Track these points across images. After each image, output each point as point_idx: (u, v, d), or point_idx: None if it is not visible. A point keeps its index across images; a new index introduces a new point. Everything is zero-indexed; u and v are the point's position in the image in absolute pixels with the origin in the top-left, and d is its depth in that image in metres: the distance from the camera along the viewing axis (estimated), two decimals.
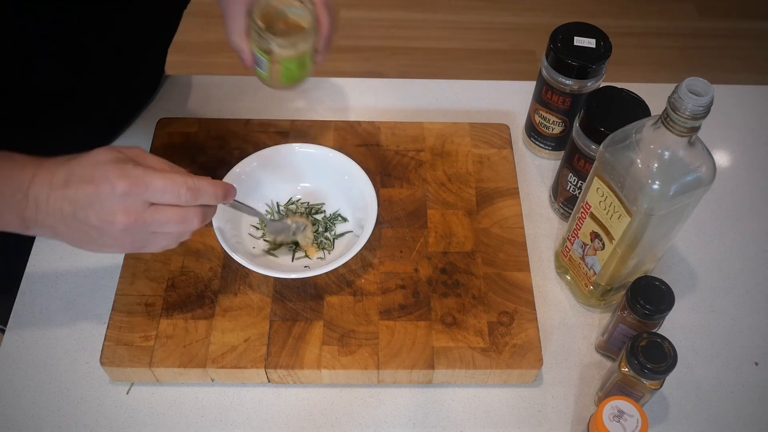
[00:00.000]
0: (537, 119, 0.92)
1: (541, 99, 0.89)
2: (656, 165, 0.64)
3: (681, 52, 2.35)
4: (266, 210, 0.84)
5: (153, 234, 0.62)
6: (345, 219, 0.84)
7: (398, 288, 0.78)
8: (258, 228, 0.83)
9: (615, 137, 0.68)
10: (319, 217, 0.84)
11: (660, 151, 0.64)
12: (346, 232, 0.83)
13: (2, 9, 0.69)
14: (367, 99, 1.01)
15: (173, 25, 0.96)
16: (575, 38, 0.84)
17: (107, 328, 0.74)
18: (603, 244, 0.73)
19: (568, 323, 0.81)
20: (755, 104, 1.04)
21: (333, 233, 0.83)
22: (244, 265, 0.74)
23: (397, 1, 2.46)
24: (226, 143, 0.89)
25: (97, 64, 0.83)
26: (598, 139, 0.75)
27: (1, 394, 0.74)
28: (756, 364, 0.79)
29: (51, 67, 0.78)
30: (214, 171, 0.86)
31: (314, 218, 0.84)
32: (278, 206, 0.85)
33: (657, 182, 0.64)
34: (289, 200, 0.85)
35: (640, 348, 0.66)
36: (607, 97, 0.79)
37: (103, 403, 0.74)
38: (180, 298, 0.76)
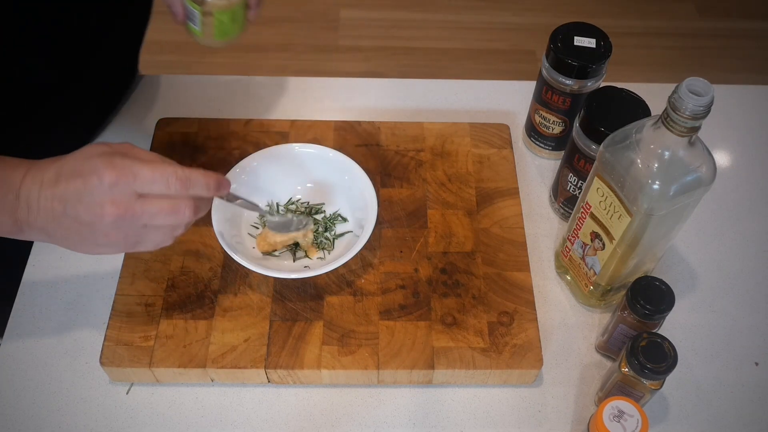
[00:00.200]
0: (537, 119, 0.92)
1: (541, 99, 0.89)
2: (656, 165, 0.64)
3: (681, 52, 2.36)
4: (266, 206, 0.84)
5: (145, 228, 0.61)
6: (345, 219, 0.84)
7: (398, 288, 0.78)
8: (258, 228, 0.83)
9: (615, 137, 0.68)
10: (319, 217, 0.84)
11: (660, 151, 0.64)
12: (346, 232, 0.83)
13: None
14: (367, 99, 1.01)
15: (142, 21, 0.95)
16: (575, 38, 0.84)
17: (107, 328, 0.74)
18: (603, 244, 0.73)
19: (568, 323, 0.81)
20: (755, 104, 1.04)
21: (333, 233, 0.83)
22: (244, 265, 0.74)
23: (397, 1, 2.46)
24: (226, 143, 0.89)
25: (70, 60, 0.82)
26: (598, 139, 0.75)
27: (1, 394, 0.74)
28: (756, 364, 0.79)
29: (30, 66, 0.77)
30: (214, 171, 0.86)
31: (314, 218, 0.84)
32: (278, 206, 0.85)
33: (657, 182, 0.64)
34: (289, 200, 0.85)
35: (640, 348, 0.66)
36: (607, 97, 0.79)
37: (103, 403, 0.74)
38: (180, 298, 0.76)
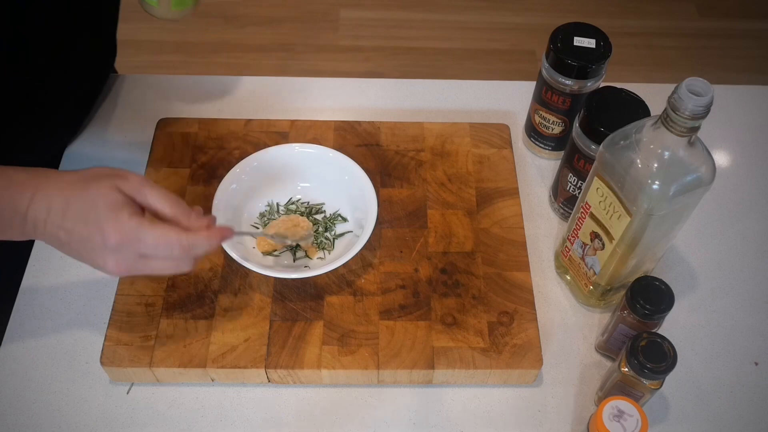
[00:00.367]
0: (537, 119, 0.92)
1: (541, 99, 0.89)
2: (656, 165, 0.64)
3: (681, 52, 2.35)
4: (266, 206, 0.84)
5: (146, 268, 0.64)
6: (345, 219, 0.84)
7: (398, 288, 0.78)
8: (258, 228, 0.83)
9: (615, 137, 0.68)
10: (319, 217, 0.84)
11: (660, 151, 0.64)
12: (346, 232, 0.83)
13: None
14: (367, 99, 1.01)
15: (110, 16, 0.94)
16: (575, 38, 0.84)
17: (107, 328, 0.74)
18: (603, 244, 0.73)
19: (568, 323, 0.81)
20: (755, 104, 1.04)
21: (333, 233, 0.83)
22: (244, 265, 0.74)
23: (397, 1, 2.46)
24: (226, 143, 0.89)
25: (42, 44, 0.80)
26: (598, 139, 0.75)
27: (1, 394, 0.74)
28: (756, 364, 0.79)
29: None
30: (214, 171, 0.86)
31: (314, 218, 0.84)
32: (278, 206, 0.85)
33: (657, 182, 0.64)
34: (289, 200, 0.85)
35: (640, 348, 0.66)
36: (607, 97, 0.79)
37: (103, 403, 0.74)
38: (180, 298, 0.76)
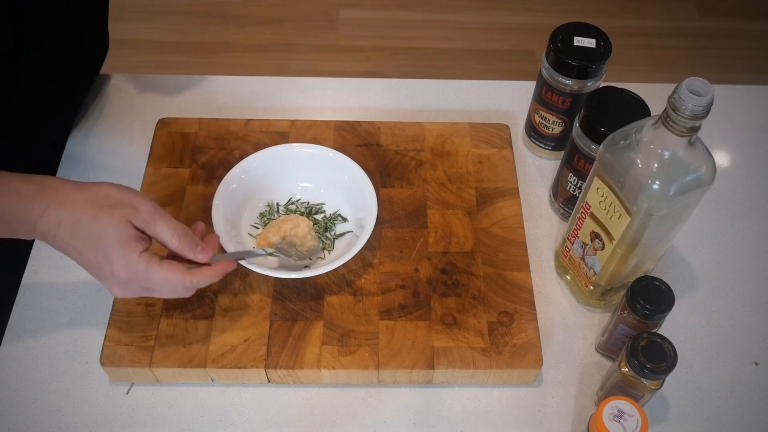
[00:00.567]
0: (537, 119, 0.92)
1: (541, 99, 0.89)
2: (656, 165, 0.64)
3: (681, 52, 2.35)
4: (266, 206, 0.84)
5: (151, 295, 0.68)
6: (345, 219, 0.84)
7: (398, 288, 0.78)
8: (258, 228, 0.83)
9: (615, 137, 0.68)
10: (319, 217, 0.84)
11: (660, 151, 0.64)
12: (346, 232, 0.83)
13: None
14: (367, 99, 1.01)
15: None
16: (575, 38, 0.84)
17: (107, 328, 0.74)
18: (603, 244, 0.73)
19: (568, 323, 0.81)
20: (755, 104, 1.04)
21: (333, 233, 0.83)
22: (244, 265, 0.74)
23: (397, 1, 2.46)
24: (226, 143, 0.89)
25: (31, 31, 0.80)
26: (598, 139, 0.75)
27: (2, 394, 0.74)
28: (756, 364, 0.79)
29: None
30: (214, 171, 0.86)
31: (314, 218, 0.84)
32: (278, 206, 0.85)
33: (657, 182, 0.64)
34: (289, 200, 0.85)
35: (640, 348, 0.66)
36: (607, 97, 0.79)
37: (103, 403, 0.74)
38: (180, 298, 0.76)
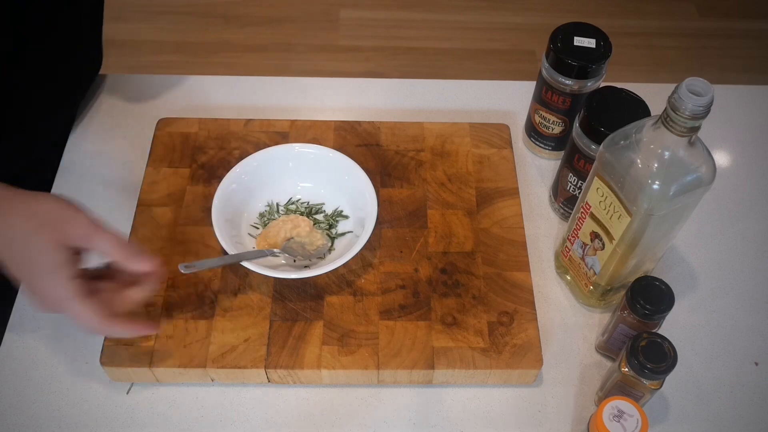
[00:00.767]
0: (537, 119, 0.92)
1: (541, 99, 0.89)
2: (656, 165, 0.64)
3: (681, 52, 2.35)
4: (266, 206, 0.84)
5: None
6: (346, 216, 0.84)
7: (398, 288, 0.78)
8: (258, 228, 0.83)
9: (615, 137, 0.68)
10: (320, 217, 0.84)
11: (660, 151, 0.64)
12: (347, 232, 0.83)
13: None
14: (367, 99, 1.01)
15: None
16: (575, 38, 0.84)
17: None
18: (603, 244, 0.73)
19: (568, 323, 0.81)
20: (755, 104, 1.04)
21: (335, 231, 0.83)
22: (244, 265, 0.74)
23: (397, 1, 2.46)
24: (226, 143, 0.89)
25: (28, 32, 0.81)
26: (598, 139, 0.75)
27: (1, 394, 0.74)
28: (756, 364, 0.79)
29: None
30: (214, 171, 0.86)
31: (314, 218, 0.84)
32: (278, 206, 0.85)
33: (657, 182, 0.64)
34: (289, 200, 0.85)
35: (640, 348, 0.66)
36: (607, 97, 0.79)
37: (103, 403, 0.74)
38: (180, 298, 0.76)
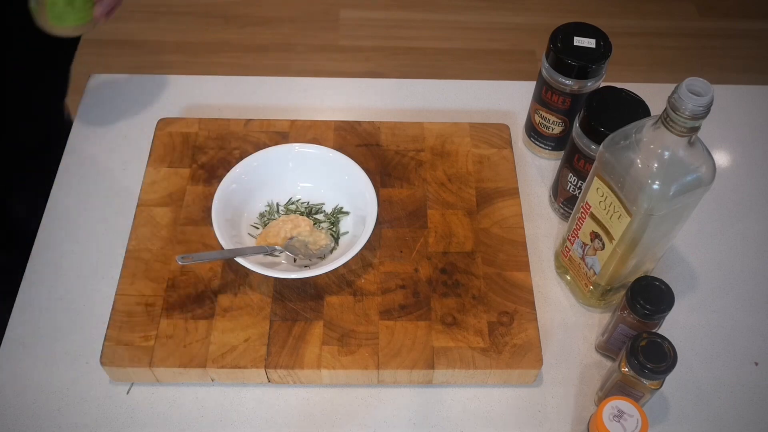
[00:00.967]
0: (537, 119, 0.92)
1: (541, 99, 0.89)
2: (656, 165, 0.64)
3: (681, 52, 2.35)
4: (266, 206, 0.84)
5: None
6: (347, 213, 0.84)
7: (398, 288, 0.78)
8: (258, 228, 0.83)
9: (615, 137, 0.68)
10: (320, 217, 0.84)
11: (660, 151, 0.64)
12: (346, 233, 0.83)
13: None
14: (367, 99, 1.01)
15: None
16: (575, 38, 0.84)
17: (107, 328, 0.74)
18: (603, 244, 0.73)
19: (568, 323, 0.81)
20: (755, 104, 1.04)
21: (337, 229, 0.83)
22: (244, 265, 0.74)
23: (397, 1, 2.46)
24: (226, 143, 0.89)
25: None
26: (598, 139, 0.75)
27: (1, 394, 0.74)
28: (756, 364, 0.79)
29: None
30: (214, 171, 0.86)
31: (314, 218, 0.84)
32: (278, 206, 0.85)
33: (657, 182, 0.64)
34: (289, 200, 0.85)
35: (640, 348, 0.66)
36: (607, 97, 0.79)
37: (103, 403, 0.74)
38: (180, 298, 0.76)
